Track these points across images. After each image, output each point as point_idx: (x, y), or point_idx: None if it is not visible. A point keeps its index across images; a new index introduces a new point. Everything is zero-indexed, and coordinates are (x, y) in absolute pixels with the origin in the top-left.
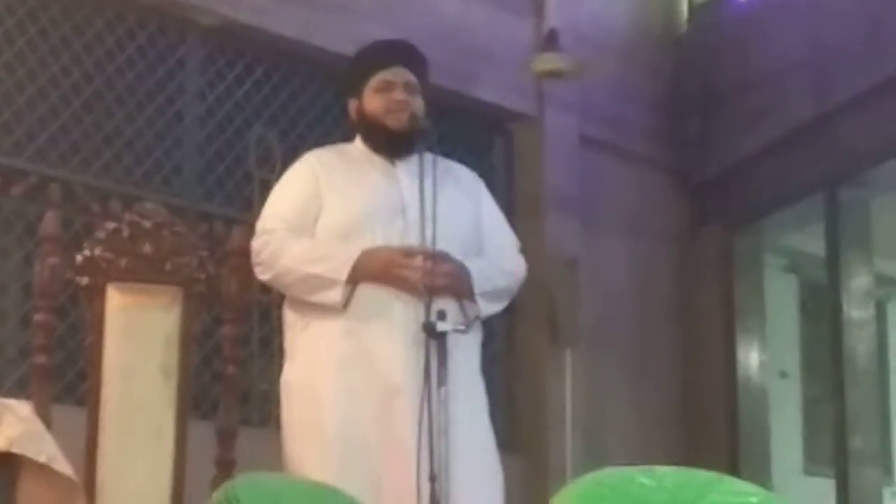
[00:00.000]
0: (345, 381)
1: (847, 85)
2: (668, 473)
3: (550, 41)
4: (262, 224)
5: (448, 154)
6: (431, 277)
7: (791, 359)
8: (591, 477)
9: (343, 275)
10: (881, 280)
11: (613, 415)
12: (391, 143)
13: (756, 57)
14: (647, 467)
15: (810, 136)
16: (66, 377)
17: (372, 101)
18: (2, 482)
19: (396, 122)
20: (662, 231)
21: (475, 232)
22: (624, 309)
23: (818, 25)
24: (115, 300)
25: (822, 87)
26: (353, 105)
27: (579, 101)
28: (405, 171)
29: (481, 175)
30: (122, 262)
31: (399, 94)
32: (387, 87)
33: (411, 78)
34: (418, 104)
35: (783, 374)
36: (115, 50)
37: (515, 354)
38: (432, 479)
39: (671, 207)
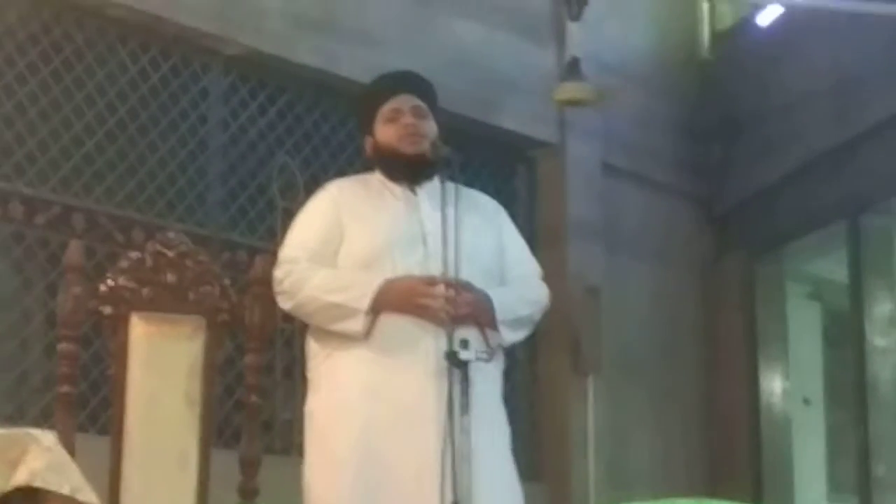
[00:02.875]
0: (367, 409)
1: (868, 112)
2: None
3: (572, 70)
4: (283, 253)
5: (471, 182)
6: (453, 306)
7: (814, 386)
8: None
9: (364, 304)
10: None
11: (636, 442)
12: (408, 170)
13: (778, 84)
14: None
15: (832, 164)
16: (90, 406)
17: (384, 131)
18: None
19: (411, 146)
20: (685, 258)
21: (497, 260)
22: (647, 336)
23: (839, 53)
24: (139, 329)
25: (844, 115)
26: (368, 142)
27: (601, 129)
28: (426, 200)
29: (504, 203)
30: (146, 291)
31: (408, 119)
32: (395, 116)
33: (418, 102)
34: (430, 128)
35: (806, 402)
36: (138, 80)
37: (538, 382)
38: None
39: (693, 235)
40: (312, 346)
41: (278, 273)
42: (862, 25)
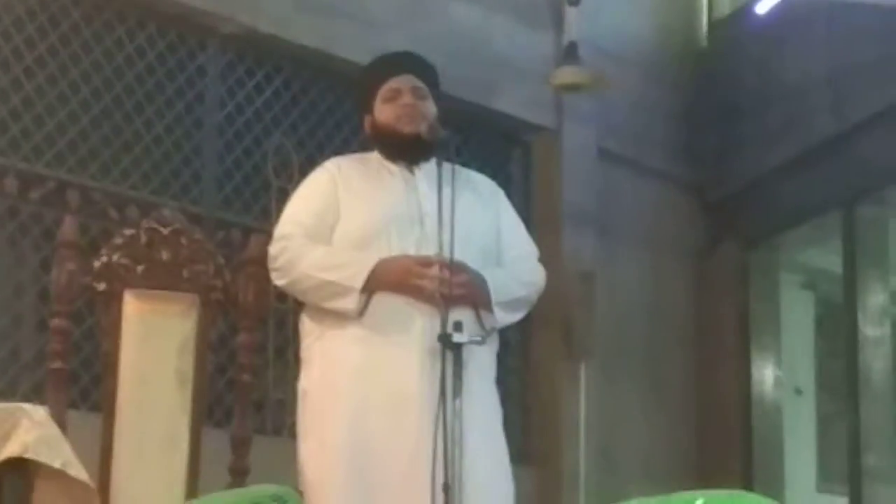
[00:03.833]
0: (359, 389)
1: (865, 102)
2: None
3: (570, 54)
4: (279, 229)
5: (466, 165)
6: (448, 287)
7: (806, 376)
8: None
9: (359, 283)
10: None
11: (627, 428)
12: (407, 149)
13: (775, 73)
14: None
15: (828, 153)
16: (82, 382)
17: (383, 111)
18: (17, 487)
19: (409, 126)
20: (679, 246)
21: (494, 241)
22: (639, 323)
23: (836, 42)
24: (132, 306)
25: (841, 104)
26: (367, 121)
27: (598, 115)
28: (424, 180)
29: (499, 186)
30: (140, 268)
31: (407, 99)
32: (395, 95)
33: (418, 83)
34: (430, 109)
35: (798, 391)
36: (135, 57)
37: (530, 366)
38: (446, 488)
39: (688, 222)
40: (306, 325)
41: (273, 250)
42: (859, 15)
